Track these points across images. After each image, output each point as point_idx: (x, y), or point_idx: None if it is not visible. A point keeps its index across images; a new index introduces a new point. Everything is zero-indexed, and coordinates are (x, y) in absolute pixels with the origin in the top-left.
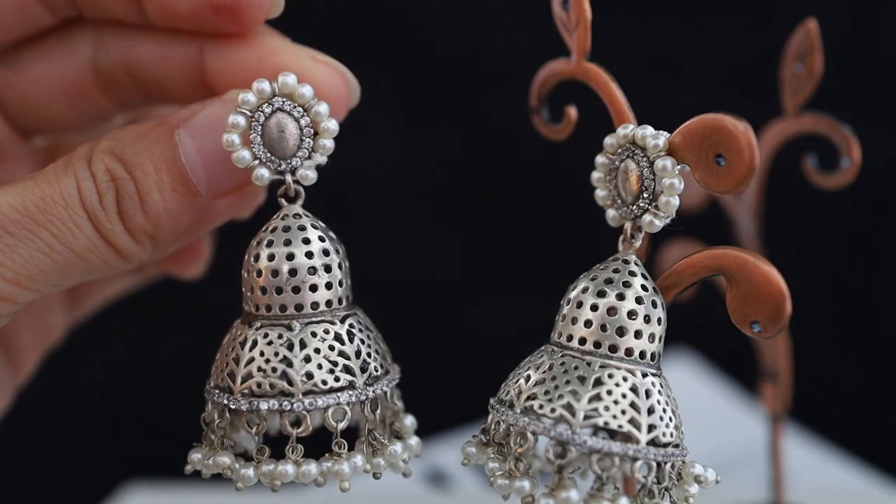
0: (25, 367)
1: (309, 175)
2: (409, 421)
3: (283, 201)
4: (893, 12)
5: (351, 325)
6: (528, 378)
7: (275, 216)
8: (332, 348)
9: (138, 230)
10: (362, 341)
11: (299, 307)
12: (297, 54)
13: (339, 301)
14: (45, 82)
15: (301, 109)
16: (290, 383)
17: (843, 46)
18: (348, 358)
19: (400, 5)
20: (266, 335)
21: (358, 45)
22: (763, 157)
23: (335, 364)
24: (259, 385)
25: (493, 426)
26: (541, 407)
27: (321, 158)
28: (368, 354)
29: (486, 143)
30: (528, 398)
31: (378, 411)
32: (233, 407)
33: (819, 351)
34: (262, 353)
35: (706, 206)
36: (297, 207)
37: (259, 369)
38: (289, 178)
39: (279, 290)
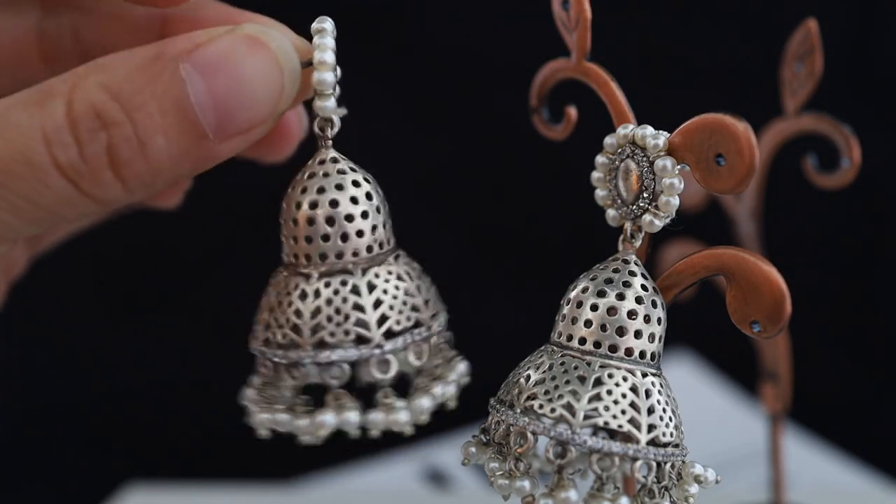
0: None
1: (336, 120)
2: (461, 366)
3: (323, 143)
4: (893, 12)
5: (405, 263)
6: (528, 378)
7: (311, 161)
8: (397, 288)
9: (134, 178)
10: (420, 278)
11: (356, 252)
12: (261, 18)
13: (389, 242)
14: None
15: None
16: (368, 328)
17: (843, 46)
18: (413, 295)
19: (400, 4)
20: (328, 284)
21: (358, 44)
22: (763, 157)
23: (405, 304)
24: (333, 335)
25: (493, 426)
26: (541, 407)
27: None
28: (428, 290)
29: (486, 143)
30: (528, 398)
31: (425, 357)
32: (307, 362)
33: (819, 351)
34: (329, 302)
35: (706, 206)
36: (333, 151)
37: (329, 319)
38: (337, 114)
39: (328, 238)
